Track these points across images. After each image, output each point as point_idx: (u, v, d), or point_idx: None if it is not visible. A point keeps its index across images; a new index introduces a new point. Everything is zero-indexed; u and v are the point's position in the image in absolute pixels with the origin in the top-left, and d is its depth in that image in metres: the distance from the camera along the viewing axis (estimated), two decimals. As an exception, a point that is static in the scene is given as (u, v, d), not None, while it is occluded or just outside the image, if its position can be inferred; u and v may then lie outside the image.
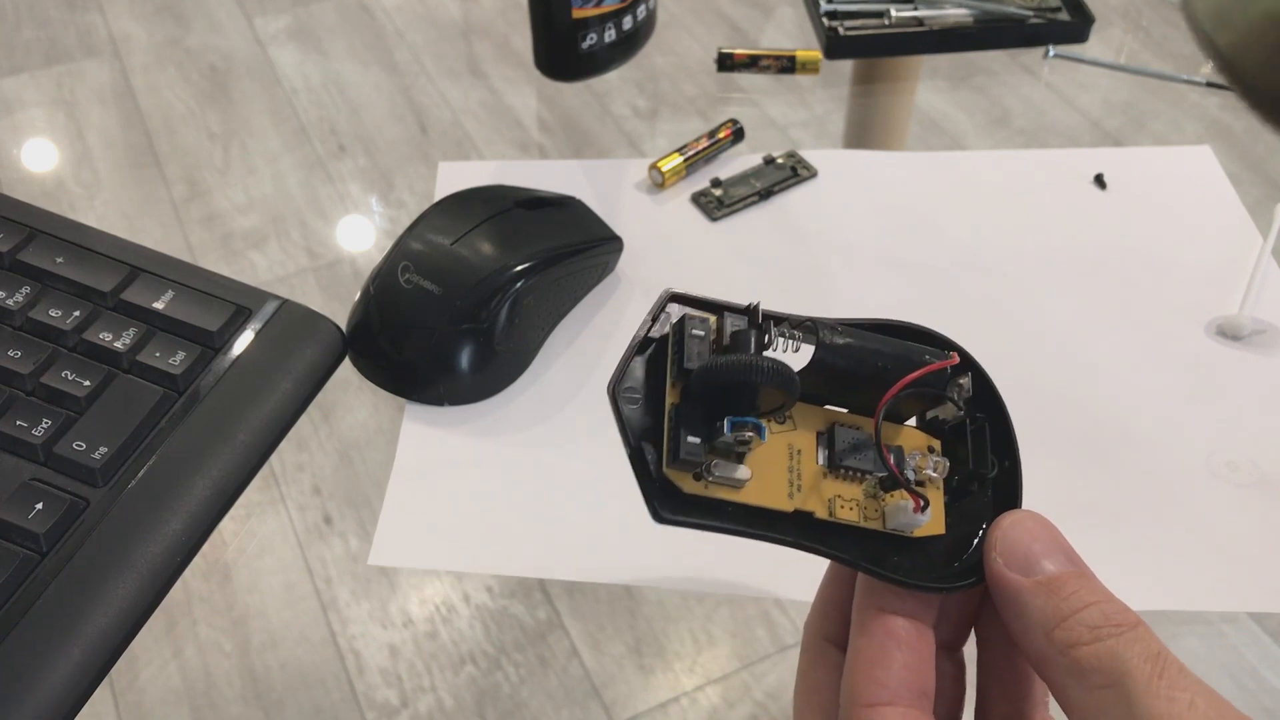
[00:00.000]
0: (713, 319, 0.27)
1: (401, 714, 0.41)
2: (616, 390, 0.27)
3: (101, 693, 0.38)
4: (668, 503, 0.26)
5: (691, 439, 0.26)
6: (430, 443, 0.47)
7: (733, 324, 0.27)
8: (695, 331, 0.27)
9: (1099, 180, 0.58)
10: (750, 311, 0.27)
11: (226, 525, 0.42)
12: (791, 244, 0.55)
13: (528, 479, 0.46)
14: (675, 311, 0.28)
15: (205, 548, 0.41)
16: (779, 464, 0.27)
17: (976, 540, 0.28)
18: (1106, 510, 0.45)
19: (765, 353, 0.27)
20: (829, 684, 0.29)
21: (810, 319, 0.28)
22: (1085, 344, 0.51)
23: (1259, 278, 0.53)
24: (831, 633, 0.30)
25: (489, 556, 0.44)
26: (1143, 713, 0.23)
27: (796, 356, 0.27)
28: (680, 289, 0.28)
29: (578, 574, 0.43)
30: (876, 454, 0.28)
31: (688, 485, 0.26)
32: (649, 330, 0.27)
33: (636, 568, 0.43)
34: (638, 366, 0.27)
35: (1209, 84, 0.64)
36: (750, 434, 0.26)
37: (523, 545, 0.44)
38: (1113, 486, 0.45)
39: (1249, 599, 0.42)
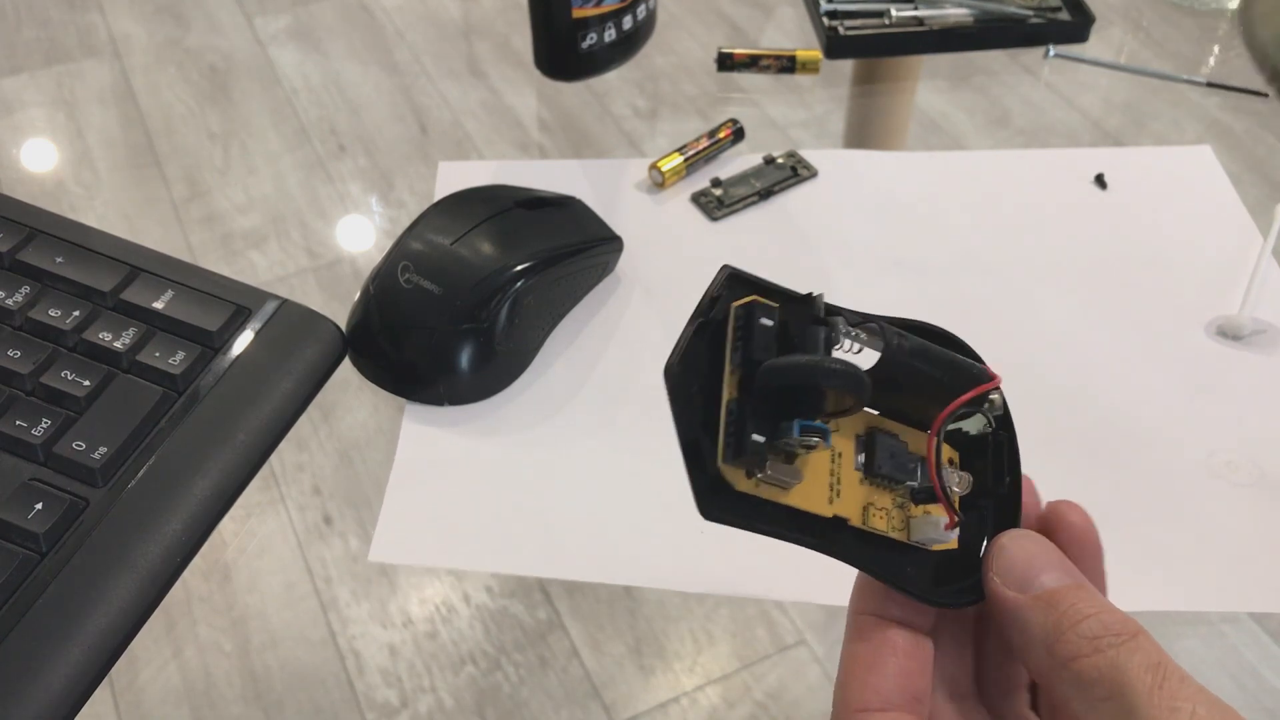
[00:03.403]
0: (777, 308, 0.26)
1: (401, 714, 0.41)
2: (674, 372, 0.25)
3: (101, 693, 0.38)
4: (717, 499, 0.25)
5: (757, 437, 0.25)
6: (430, 443, 0.47)
7: (796, 317, 0.26)
8: (764, 320, 0.25)
9: (1099, 180, 0.58)
10: (813, 303, 0.26)
11: (226, 525, 0.42)
12: (791, 244, 0.55)
13: (528, 479, 0.46)
14: (729, 297, 0.26)
15: (205, 548, 0.41)
16: (823, 468, 0.27)
17: (983, 553, 0.28)
18: (1106, 510, 0.44)
19: (833, 352, 0.26)
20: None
21: (870, 317, 0.27)
22: (1085, 344, 0.51)
23: (1259, 278, 0.53)
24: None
25: (489, 555, 0.44)
26: None
27: (859, 357, 0.26)
28: (738, 266, 0.26)
29: (578, 573, 0.43)
30: (922, 470, 0.27)
31: (741, 483, 0.25)
32: (709, 310, 0.26)
33: (637, 567, 0.43)
34: (691, 347, 0.25)
35: (1209, 84, 0.64)
36: (817, 439, 0.25)
37: (523, 545, 0.44)
38: (1112, 486, 0.45)
39: (1249, 599, 0.42)
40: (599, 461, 0.46)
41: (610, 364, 0.50)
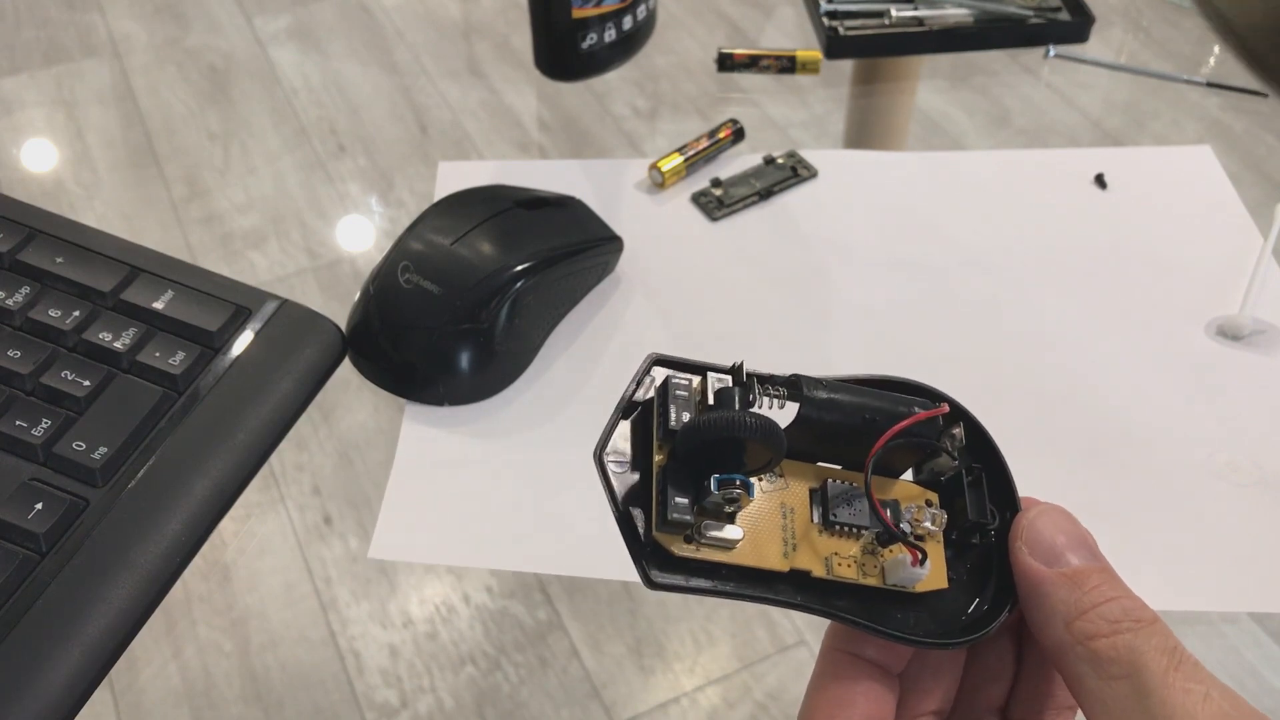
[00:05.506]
0: (696, 380, 0.27)
1: (401, 714, 0.41)
2: (603, 455, 0.26)
3: (101, 693, 0.38)
4: (657, 568, 0.26)
5: (680, 499, 0.25)
6: (430, 443, 0.47)
7: (716, 383, 0.27)
8: (679, 392, 0.27)
9: (1099, 180, 0.58)
10: (734, 371, 0.27)
11: (226, 525, 0.42)
12: (791, 244, 0.55)
13: (528, 479, 0.46)
14: (659, 375, 0.27)
15: (205, 548, 0.41)
16: (772, 523, 0.27)
17: (987, 602, 0.28)
18: (1107, 510, 0.45)
19: (750, 409, 0.26)
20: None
21: (795, 375, 0.27)
22: (1086, 344, 0.51)
23: (1259, 278, 0.53)
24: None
25: (489, 553, 0.44)
26: (1158, 703, 0.23)
27: (782, 413, 0.27)
28: (664, 352, 0.28)
29: (578, 571, 0.43)
30: (869, 508, 0.27)
31: (678, 548, 0.26)
32: (633, 394, 0.27)
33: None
34: (624, 430, 0.27)
35: (1209, 84, 0.64)
36: (738, 490, 0.25)
37: (523, 544, 0.44)
38: (1113, 487, 0.45)
39: (1249, 599, 0.42)
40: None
41: (610, 364, 0.50)
